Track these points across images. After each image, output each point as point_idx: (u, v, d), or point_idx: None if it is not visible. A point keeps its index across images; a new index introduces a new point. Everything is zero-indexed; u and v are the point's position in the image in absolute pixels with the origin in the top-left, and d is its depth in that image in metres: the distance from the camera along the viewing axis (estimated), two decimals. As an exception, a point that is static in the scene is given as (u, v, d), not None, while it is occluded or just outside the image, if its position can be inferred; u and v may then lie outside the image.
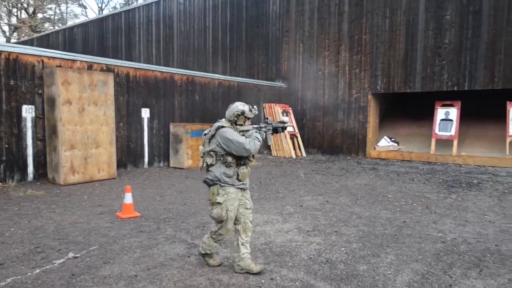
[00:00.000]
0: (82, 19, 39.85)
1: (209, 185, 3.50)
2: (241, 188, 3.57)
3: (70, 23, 38.64)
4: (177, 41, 18.08)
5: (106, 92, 8.19)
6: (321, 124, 13.66)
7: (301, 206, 6.21)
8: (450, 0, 10.97)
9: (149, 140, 10.09)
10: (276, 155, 13.13)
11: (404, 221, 5.34)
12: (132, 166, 9.74)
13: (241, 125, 3.59)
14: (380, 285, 3.39)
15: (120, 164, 9.28)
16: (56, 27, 35.00)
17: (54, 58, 8.12)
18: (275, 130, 3.87)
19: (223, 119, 3.63)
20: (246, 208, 3.61)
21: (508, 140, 10.53)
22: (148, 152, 10.09)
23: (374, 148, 12.75)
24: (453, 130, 11.35)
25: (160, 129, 10.33)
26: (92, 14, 43.29)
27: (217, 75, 12.73)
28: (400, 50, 11.94)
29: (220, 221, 3.51)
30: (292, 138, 13.22)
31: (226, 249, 4.24)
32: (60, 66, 8.14)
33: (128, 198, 5.52)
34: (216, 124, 3.55)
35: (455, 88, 11.11)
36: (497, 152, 10.90)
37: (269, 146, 13.39)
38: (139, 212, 5.67)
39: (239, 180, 3.53)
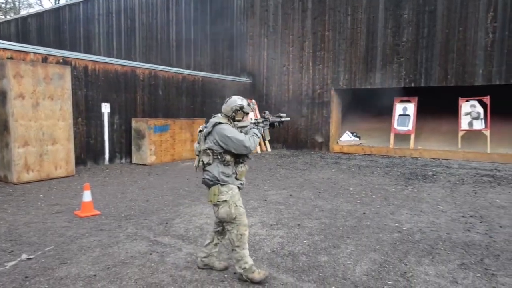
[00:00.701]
0: (36, 8, 37.76)
1: (209, 186, 3.28)
2: (239, 188, 3.38)
3: (23, 12, 36.50)
4: (140, 34, 17.59)
5: (62, 86, 7.83)
6: (286, 119, 13.79)
7: (265, 200, 6.27)
8: (407, 0, 11.40)
9: (110, 136, 9.77)
10: (241, 150, 13.13)
11: (364, 213, 5.53)
12: (92, 163, 9.40)
13: (239, 120, 3.36)
14: (340, 275, 3.50)
15: (79, 161, 8.94)
16: (8, 17, 32.97)
17: (4, 49, 7.65)
18: (272, 125, 3.78)
19: (219, 115, 3.37)
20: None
21: (460, 134, 11.14)
22: (109, 149, 9.78)
23: (337, 142, 13.07)
24: (410, 125, 11.85)
25: (122, 124, 10.03)
26: (48, 3, 41.12)
27: (181, 70, 12.53)
28: (361, 47, 12.27)
29: (229, 219, 3.25)
30: (257, 133, 13.25)
31: (190, 244, 4.21)
32: (11, 58, 7.69)
33: (87, 196, 5.33)
34: (213, 120, 3.30)
35: (412, 85, 11.59)
36: (450, 145, 11.50)
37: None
38: (99, 210, 5.50)
39: (237, 179, 3.34)
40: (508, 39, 10.12)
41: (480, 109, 10.94)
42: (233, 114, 3.32)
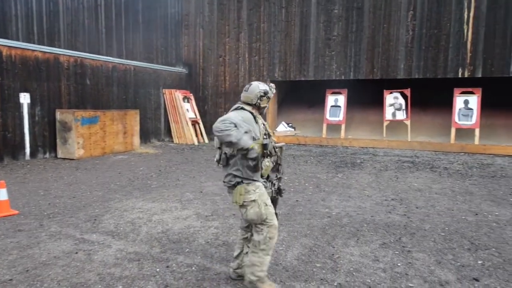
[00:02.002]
0: None
1: (232, 185, 2.94)
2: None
3: None
4: (64, 18, 16.28)
5: (-29, 73, 7.00)
6: (223, 111, 13.75)
7: (201, 192, 6.22)
8: (337, -5, 11.89)
9: (30, 129, 8.98)
10: (178, 142, 12.87)
11: (297, 200, 5.73)
12: (10, 159, 8.58)
13: (264, 107, 3.05)
14: (272, 261, 3.59)
15: (-5, 157, 8.12)
16: None
17: None
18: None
19: (239, 103, 3.04)
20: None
21: (384, 124, 11.97)
22: (30, 142, 8.99)
23: (273, 133, 13.34)
24: (341, 116, 12.46)
25: (44, 116, 9.27)
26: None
27: (111, 58, 11.86)
28: (295, 40, 12.58)
29: (259, 221, 2.91)
30: (194, 125, 13.07)
31: (120, 240, 4.04)
32: None
33: (3, 194, 4.87)
34: (236, 107, 3.01)
35: (343, 77, 12.18)
36: (377, 135, 12.32)
37: (171, 133, 13.07)
38: (17, 209, 5.05)
39: (262, 175, 3.00)
40: (425, 37, 11.02)
41: (402, 101, 11.83)
42: (258, 101, 2.98)
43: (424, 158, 9.88)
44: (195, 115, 13.35)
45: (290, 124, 13.61)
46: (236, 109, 2.99)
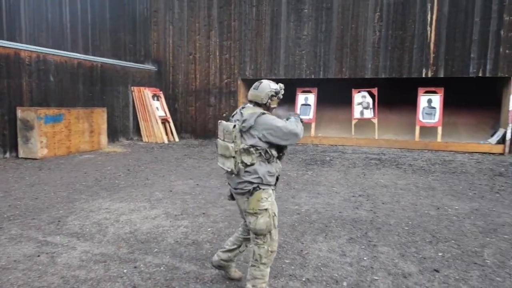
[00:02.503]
0: None
1: (246, 192, 2.77)
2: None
3: None
4: (25, 12, 15.57)
5: None
6: (194, 109, 13.64)
7: (171, 191, 6.14)
8: (307, -5, 12.04)
9: (-11, 128, 8.54)
10: (147, 140, 12.63)
11: (267, 198, 5.76)
12: (-34, 159, 8.13)
13: (273, 108, 2.92)
14: (242, 259, 3.60)
15: (-51, 157, 7.66)
16: None
17: None
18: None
19: (249, 104, 2.89)
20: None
21: (353, 122, 12.26)
22: (-11, 142, 8.55)
23: (245, 131, 13.34)
24: (311, 114, 12.65)
25: (4, 114, 8.83)
26: None
27: (77, 54, 11.46)
28: (266, 38, 12.63)
29: (267, 232, 2.76)
30: (164, 123, 12.87)
31: (85, 242, 3.93)
32: None
33: (-42, 197, 4.61)
34: (249, 112, 2.78)
35: (313, 76, 12.35)
36: (346, 133, 12.60)
37: (140, 131, 12.81)
38: (-25, 212, 4.80)
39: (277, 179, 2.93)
40: (391, 38, 11.37)
41: (369, 100, 12.15)
42: (269, 101, 2.85)
43: (391, 155, 10.19)
44: (165, 113, 13.14)
45: (261, 123, 13.64)
46: (257, 116, 2.74)
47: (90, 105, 11.11)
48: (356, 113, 12.25)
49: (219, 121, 2.93)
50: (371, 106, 12.09)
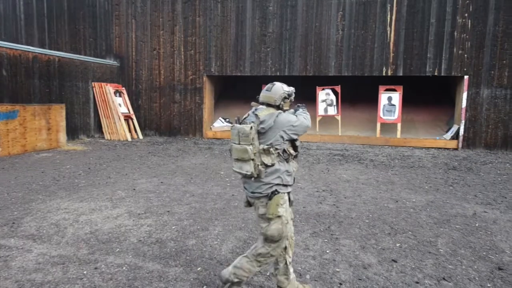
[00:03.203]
0: None
1: (265, 197, 2.70)
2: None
3: None
4: (-26, 2, 14.58)
5: None
6: (158, 106, 13.37)
7: (134, 189, 6.00)
8: (272, -7, 12.10)
9: None
10: (109, 138, 12.25)
11: (233, 195, 5.77)
12: None
13: (286, 110, 2.89)
14: (207, 256, 3.59)
15: None
16: None
17: None
18: None
19: (261, 106, 2.84)
20: (291, 218, 2.90)
21: (317, 119, 12.50)
22: None
23: (210, 128, 13.27)
24: (277, 111, 12.74)
25: (-49, 110, 8.26)
26: None
27: (32, 48, 10.88)
28: (231, 35, 12.59)
29: (278, 239, 2.69)
30: (127, 120, 12.53)
31: (42, 244, 3.76)
32: None
33: None
34: (265, 113, 2.71)
35: (278, 74, 12.46)
36: (310, 129, 12.79)
37: (102, 128, 12.40)
38: None
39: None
40: (353, 36, 11.67)
41: (333, 97, 12.43)
42: (282, 102, 2.82)
43: (353, 151, 10.50)
44: (128, 110, 12.80)
45: (228, 119, 13.63)
46: (276, 116, 2.73)
47: (47, 101, 10.60)
48: (320, 110, 12.49)
49: (231, 125, 2.84)
50: (334, 103, 12.37)
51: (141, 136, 12.78)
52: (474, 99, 10.88)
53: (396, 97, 11.75)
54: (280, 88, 2.83)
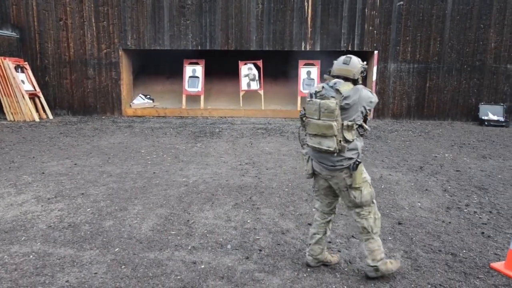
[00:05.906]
0: None
1: (346, 168, 2.70)
2: None
3: None
4: None
5: None
6: (69, 82, 12.26)
7: (43, 173, 5.51)
8: (190, -38, 11.58)
9: None
10: (12, 119, 11.00)
11: (154, 172, 5.61)
12: None
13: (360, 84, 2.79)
14: (125, 236, 3.47)
15: None
16: None
17: None
18: None
19: (339, 80, 2.72)
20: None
21: (241, 94, 12.55)
22: None
23: (130, 106, 12.60)
24: (200, 86, 12.53)
25: None
26: None
27: None
28: (147, 6, 11.87)
29: (371, 201, 2.77)
30: (32, 99, 11.33)
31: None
32: None
33: None
34: (348, 88, 2.64)
35: (199, 48, 12.14)
36: (234, 104, 12.84)
37: (2, 108, 11.06)
38: None
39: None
40: (273, 11, 11.76)
41: (255, 72, 12.53)
42: (359, 76, 2.76)
43: (276, 124, 10.79)
44: (34, 87, 11.55)
45: (148, 96, 13.05)
46: (360, 92, 2.68)
47: None
48: (243, 85, 12.54)
49: (309, 99, 2.75)
50: (257, 78, 12.49)
51: (51, 116, 11.68)
52: (383, 73, 11.79)
53: (315, 71, 12.24)
54: (358, 62, 2.78)
